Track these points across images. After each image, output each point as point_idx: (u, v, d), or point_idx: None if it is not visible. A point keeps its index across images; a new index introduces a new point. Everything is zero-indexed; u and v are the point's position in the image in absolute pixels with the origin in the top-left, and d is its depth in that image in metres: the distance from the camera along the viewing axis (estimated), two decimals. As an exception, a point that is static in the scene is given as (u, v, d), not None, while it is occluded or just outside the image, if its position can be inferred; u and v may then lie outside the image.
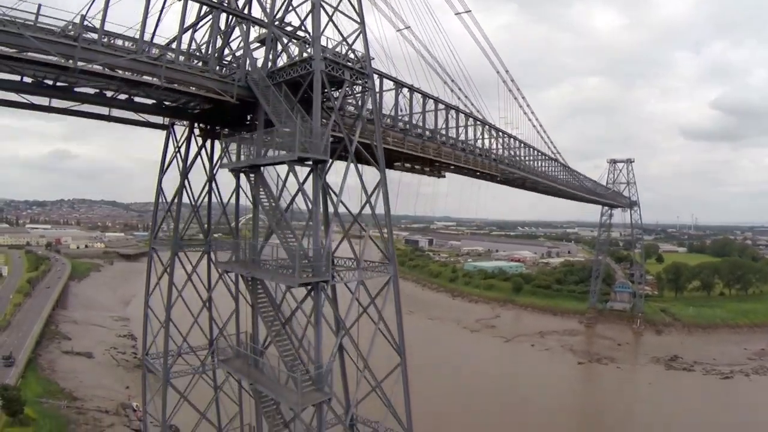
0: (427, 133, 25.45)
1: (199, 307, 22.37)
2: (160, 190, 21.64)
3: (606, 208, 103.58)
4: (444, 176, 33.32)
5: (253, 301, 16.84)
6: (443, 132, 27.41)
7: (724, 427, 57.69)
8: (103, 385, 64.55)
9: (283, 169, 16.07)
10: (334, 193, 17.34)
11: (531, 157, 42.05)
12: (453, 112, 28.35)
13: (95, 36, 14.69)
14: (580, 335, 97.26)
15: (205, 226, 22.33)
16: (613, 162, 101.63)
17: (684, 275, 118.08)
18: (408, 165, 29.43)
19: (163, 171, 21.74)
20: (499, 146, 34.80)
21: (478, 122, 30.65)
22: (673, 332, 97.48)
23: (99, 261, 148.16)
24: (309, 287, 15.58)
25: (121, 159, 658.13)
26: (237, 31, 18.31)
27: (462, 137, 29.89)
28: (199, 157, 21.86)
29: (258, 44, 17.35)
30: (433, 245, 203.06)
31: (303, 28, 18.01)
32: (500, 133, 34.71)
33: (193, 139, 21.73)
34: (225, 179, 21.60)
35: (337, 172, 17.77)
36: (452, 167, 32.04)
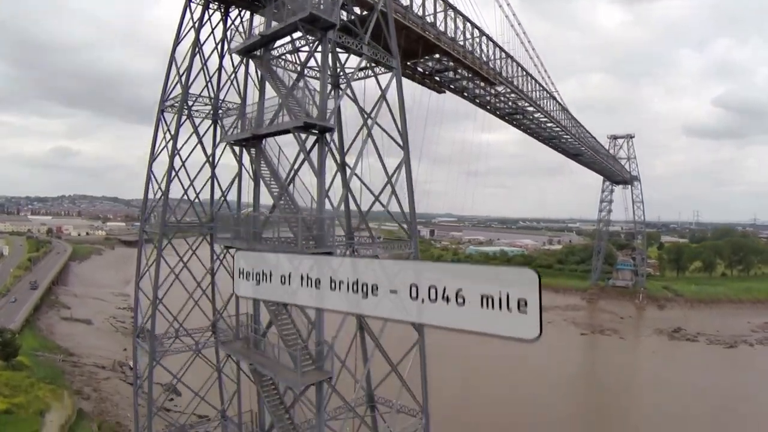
0: (428, 19, 25.32)
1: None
2: (173, 59, 22.03)
3: (607, 183, 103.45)
4: (444, 92, 33.11)
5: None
6: (442, 28, 27.22)
7: (733, 389, 57.47)
8: (101, 347, 64.29)
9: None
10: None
11: (534, 90, 41.80)
12: (452, 12, 28.16)
13: None
14: (583, 310, 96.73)
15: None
16: (614, 138, 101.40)
17: (685, 254, 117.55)
18: (408, 71, 29.24)
19: (177, 41, 22.07)
20: (502, 65, 34.70)
21: (476, 29, 30.48)
22: (675, 307, 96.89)
23: (100, 246, 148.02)
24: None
25: (124, 156, 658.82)
26: None
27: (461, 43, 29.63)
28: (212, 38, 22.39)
29: None
30: (434, 236, 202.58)
31: None
32: (500, 51, 34.55)
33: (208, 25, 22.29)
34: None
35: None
36: (451, 75, 31.82)
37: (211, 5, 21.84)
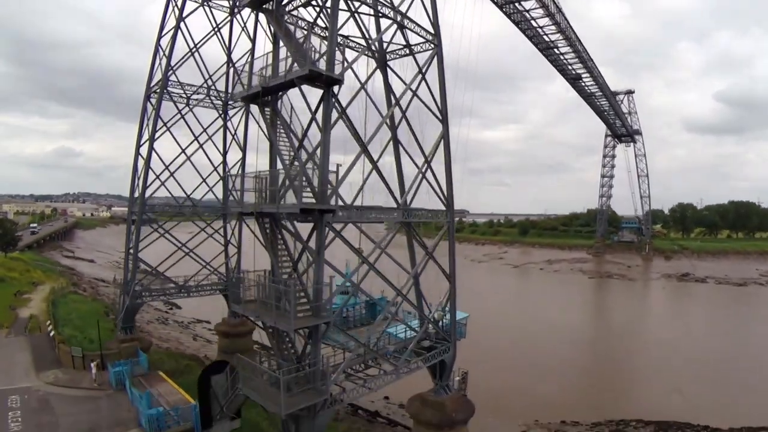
0: None
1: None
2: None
3: (609, 138, 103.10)
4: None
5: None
6: None
7: (747, 314, 56.92)
8: (102, 274, 64.02)
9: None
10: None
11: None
12: None
13: None
14: (589, 262, 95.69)
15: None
16: (614, 94, 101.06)
17: (690, 214, 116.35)
18: None
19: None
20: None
21: None
22: (682, 258, 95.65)
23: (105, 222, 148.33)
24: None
25: (124, 155, 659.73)
26: None
27: None
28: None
29: None
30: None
31: None
32: None
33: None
34: None
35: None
36: None
37: None
